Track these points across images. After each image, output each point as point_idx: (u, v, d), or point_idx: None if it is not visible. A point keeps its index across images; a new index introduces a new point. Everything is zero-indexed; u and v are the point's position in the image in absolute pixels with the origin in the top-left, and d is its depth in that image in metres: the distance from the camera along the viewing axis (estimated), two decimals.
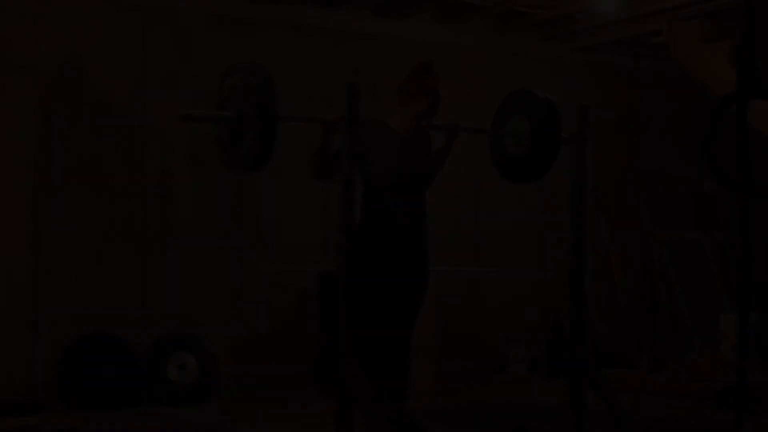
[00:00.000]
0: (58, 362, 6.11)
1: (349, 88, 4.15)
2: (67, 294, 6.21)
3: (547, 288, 8.16)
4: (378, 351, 4.66)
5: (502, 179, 5.28)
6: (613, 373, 6.88)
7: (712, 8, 7.00)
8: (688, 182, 9.12)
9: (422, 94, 4.78)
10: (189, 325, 6.57)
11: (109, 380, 6.15)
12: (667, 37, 7.39)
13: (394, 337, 5.03)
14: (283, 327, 6.91)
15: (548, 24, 7.85)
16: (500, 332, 7.79)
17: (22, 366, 6.07)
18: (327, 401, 5.26)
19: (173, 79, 6.58)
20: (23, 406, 5.72)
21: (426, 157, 4.96)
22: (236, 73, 4.24)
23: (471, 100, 7.75)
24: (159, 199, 6.51)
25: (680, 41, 7.31)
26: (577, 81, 8.38)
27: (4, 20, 6.09)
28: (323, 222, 7.03)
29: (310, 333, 6.94)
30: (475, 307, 7.78)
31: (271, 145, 4.11)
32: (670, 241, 8.75)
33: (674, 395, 6.56)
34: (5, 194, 6.06)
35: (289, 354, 6.92)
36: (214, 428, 5.41)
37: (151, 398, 6.36)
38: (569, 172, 5.11)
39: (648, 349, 8.02)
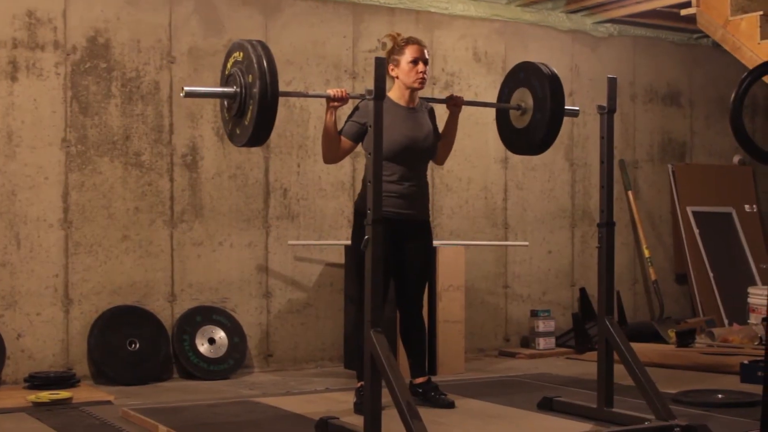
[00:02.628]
0: (88, 337, 6.18)
1: (378, 61, 4.15)
2: (97, 269, 6.26)
3: (576, 262, 8.15)
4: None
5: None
6: (641, 346, 6.88)
7: None
8: (719, 155, 9.07)
9: (410, 62, 4.98)
10: (218, 299, 6.61)
11: (139, 354, 6.21)
12: (696, 8, 7.32)
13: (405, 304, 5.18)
14: (312, 301, 6.94)
15: None
16: (528, 306, 7.79)
17: (53, 340, 6.14)
18: (355, 375, 5.31)
19: (200, 54, 6.59)
20: (55, 380, 5.79)
21: (428, 127, 5.12)
22: (239, 49, 4.30)
23: (497, 72, 7.72)
24: (187, 174, 6.54)
25: (710, 13, 7.24)
26: (605, 54, 8.33)
27: None
28: (351, 196, 7.04)
29: (339, 307, 6.98)
30: (503, 280, 7.78)
31: (271, 121, 4.21)
32: (699, 215, 8.70)
33: (702, 368, 6.54)
34: (36, 170, 6.10)
35: (317, 328, 6.95)
36: (244, 401, 5.45)
37: (181, 372, 6.42)
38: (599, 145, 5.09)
39: (676, 322, 8.00)
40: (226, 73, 4.42)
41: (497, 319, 7.76)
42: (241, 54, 4.30)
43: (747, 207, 9.03)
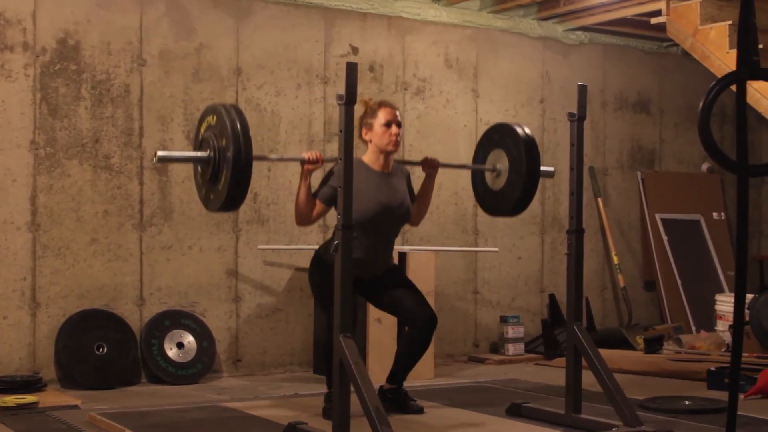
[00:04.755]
0: (56, 340, 6.13)
1: (349, 67, 4.15)
2: (65, 272, 6.22)
3: (545, 268, 8.18)
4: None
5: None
6: (609, 352, 6.92)
7: None
8: (688, 162, 9.14)
9: (383, 125, 4.97)
10: (186, 303, 6.58)
11: (107, 358, 6.17)
12: (666, 17, 7.38)
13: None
14: (281, 305, 6.92)
15: (546, 3, 7.84)
16: (497, 312, 7.81)
17: (20, 344, 6.09)
18: (323, 378, 5.31)
19: (170, 57, 6.57)
20: (21, 385, 5.73)
21: (404, 192, 5.10)
22: (212, 113, 4.28)
23: (468, 78, 7.75)
24: (157, 178, 6.51)
25: (680, 21, 7.30)
26: (575, 61, 8.38)
27: None
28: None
29: (308, 312, 6.96)
30: (472, 286, 7.79)
31: (246, 186, 4.20)
32: (667, 222, 8.76)
33: (670, 375, 6.58)
34: (4, 172, 6.05)
35: (286, 333, 6.94)
36: (212, 406, 5.43)
37: (149, 376, 6.38)
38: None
39: (644, 329, 8.04)
40: (200, 137, 4.38)
41: (467, 324, 7.77)
42: (215, 118, 4.27)
43: (715, 215, 9.10)
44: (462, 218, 7.73)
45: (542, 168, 5.06)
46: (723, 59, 6.96)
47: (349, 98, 4.13)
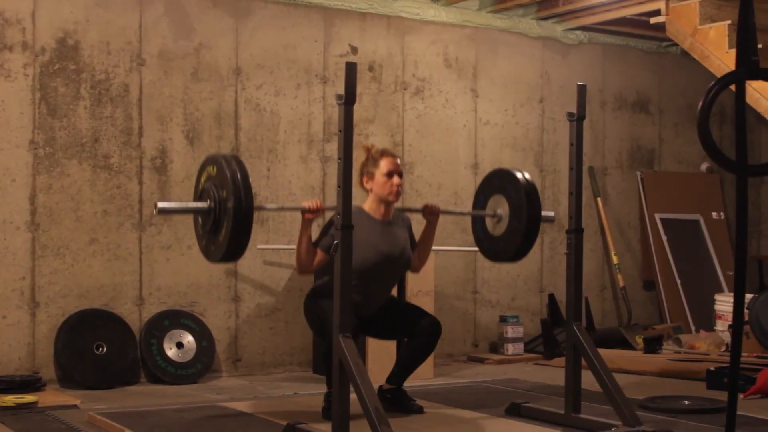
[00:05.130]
0: (55, 340, 6.13)
1: (349, 66, 4.15)
2: (64, 272, 6.22)
3: (545, 268, 8.18)
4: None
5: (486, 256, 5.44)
6: (608, 352, 6.92)
7: None
8: (687, 162, 9.14)
9: (385, 175, 4.95)
10: (186, 303, 6.58)
11: (106, 358, 6.17)
12: (666, 17, 7.38)
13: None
14: (281, 305, 6.92)
15: (546, 3, 7.84)
16: (497, 311, 7.81)
17: (19, 344, 6.09)
18: (322, 378, 5.31)
19: (169, 57, 6.57)
20: (21, 384, 5.73)
21: (405, 241, 5.10)
22: (213, 163, 4.28)
23: (467, 78, 7.75)
24: (156, 177, 6.51)
25: (679, 21, 7.30)
26: (575, 61, 8.38)
27: None
28: (320, 200, 7.03)
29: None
30: (472, 286, 7.79)
31: (247, 237, 4.18)
32: (667, 222, 8.76)
33: (669, 375, 6.58)
34: (3, 172, 6.05)
35: (286, 332, 6.94)
36: (211, 406, 5.43)
37: (148, 376, 6.38)
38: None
39: (644, 328, 8.05)
40: (200, 188, 4.38)
41: (466, 324, 7.77)
42: (215, 168, 4.27)
43: (714, 214, 9.10)
44: (461, 218, 7.73)
45: (543, 213, 5.08)
46: (722, 59, 6.96)
47: (348, 98, 4.12)
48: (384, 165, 4.98)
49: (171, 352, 6.39)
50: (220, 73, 6.73)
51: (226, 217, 4.13)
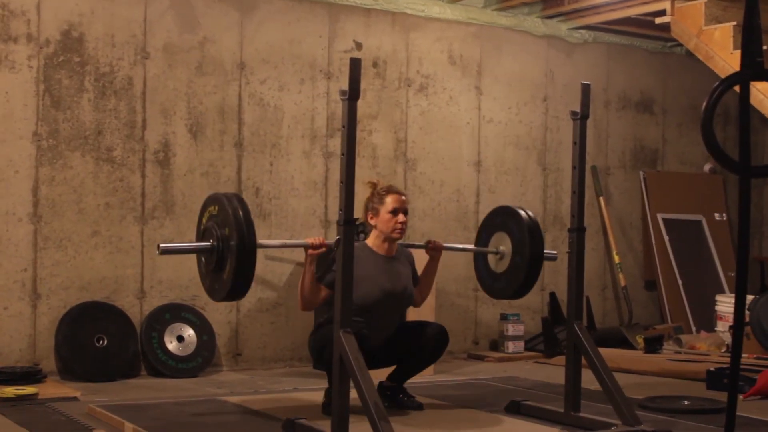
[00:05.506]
0: (56, 332, 6.14)
1: (353, 62, 4.15)
2: (66, 264, 6.22)
3: (546, 266, 8.18)
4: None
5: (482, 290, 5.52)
6: (609, 351, 6.92)
7: None
8: (690, 163, 9.13)
9: (389, 213, 4.95)
10: (187, 297, 6.59)
11: (107, 351, 6.18)
12: (671, 17, 7.37)
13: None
14: (282, 300, 6.92)
15: (551, 2, 7.83)
16: (498, 309, 7.81)
17: (20, 336, 6.09)
18: (323, 374, 5.31)
19: (174, 51, 6.57)
20: (21, 376, 5.74)
21: (407, 277, 5.10)
22: (214, 203, 4.29)
23: (472, 75, 7.75)
24: (159, 171, 6.51)
25: (684, 22, 7.29)
26: (579, 60, 8.37)
27: None
28: (323, 196, 7.04)
29: None
30: (473, 283, 7.79)
31: (251, 274, 4.20)
32: (669, 222, 8.76)
33: (669, 375, 6.58)
34: (6, 163, 6.06)
35: (287, 327, 6.94)
36: (212, 400, 5.43)
37: (149, 369, 6.38)
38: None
39: (644, 328, 8.05)
40: (202, 228, 4.39)
41: (467, 321, 7.77)
42: (216, 207, 4.28)
43: (717, 215, 9.09)
44: (464, 215, 7.73)
45: (546, 252, 5.11)
46: (727, 60, 6.95)
47: (352, 94, 4.12)
48: (389, 202, 4.99)
49: (172, 345, 6.39)
50: (224, 67, 6.73)
51: (230, 255, 4.15)
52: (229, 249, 4.17)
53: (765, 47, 3.09)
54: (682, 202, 8.89)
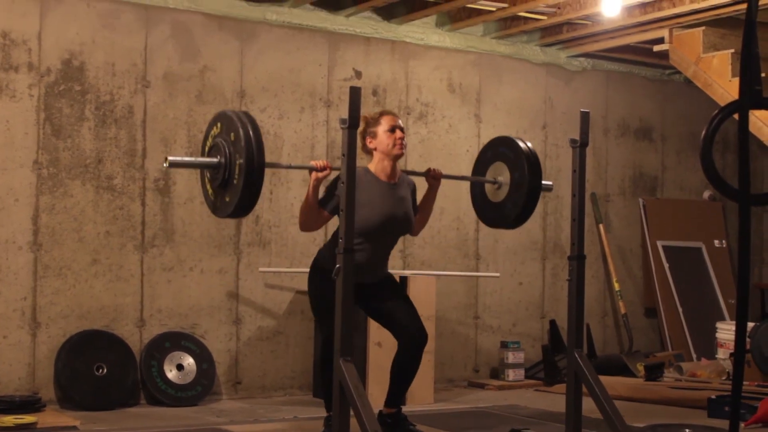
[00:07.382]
0: (55, 361, 6.12)
1: (353, 91, 4.17)
2: (66, 292, 6.22)
3: (546, 294, 8.17)
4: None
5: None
6: (609, 379, 6.90)
7: (715, 17, 7.01)
8: (690, 190, 9.14)
9: (387, 131, 4.97)
10: (187, 325, 6.57)
11: (107, 379, 6.16)
12: (669, 45, 7.41)
13: None
14: (282, 328, 6.91)
15: (550, 30, 7.86)
16: (498, 337, 7.79)
17: (20, 364, 6.08)
18: (324, 403, 5.29)
19: (174, 79, 6.59)
20: (20, 404, 5.72)
21: (408, 203, 5.11)
22: (222, 119, 4.28)
23: (471, 103, 7.77)
24: (159, 199, 6.52)
25: (682, 49, 7.32)
26: (578, 87, 8.40)
27: (8, 17, 6.10)
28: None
29: (309, 335, 6.95)
30: (473, 311, 7.78)
31: (257, 192, 4.18)
32: (669, 249, 8.76)
33: (670, 403, 6.56)
34: (6, 191, 6.06)
35: (287, 356, 6.92)
36: (211, 429, 5.41)
37: (148, 398, 6.36)
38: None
39: (645, 356, 8.03)
40: (208, 143, 4.37)
41: (467, 349, 7.75)
42: (224, 124, 4.26)
43: (716, 242, 9.09)
44: (463, 243, 7.73)
45: (543, 182, 5.08)
46: (725, 87, 6.98)
47: (352, 122, 4.14)
48: (385, 122, 5.00)
49: (171, 374, 6.38)
50: (224, 95, 6.75)
51: (238, 172, 4.11)
52: (237, 166, 4.12)
53: (763, 75, 3.10)
54: (681, 229, 8.90)
